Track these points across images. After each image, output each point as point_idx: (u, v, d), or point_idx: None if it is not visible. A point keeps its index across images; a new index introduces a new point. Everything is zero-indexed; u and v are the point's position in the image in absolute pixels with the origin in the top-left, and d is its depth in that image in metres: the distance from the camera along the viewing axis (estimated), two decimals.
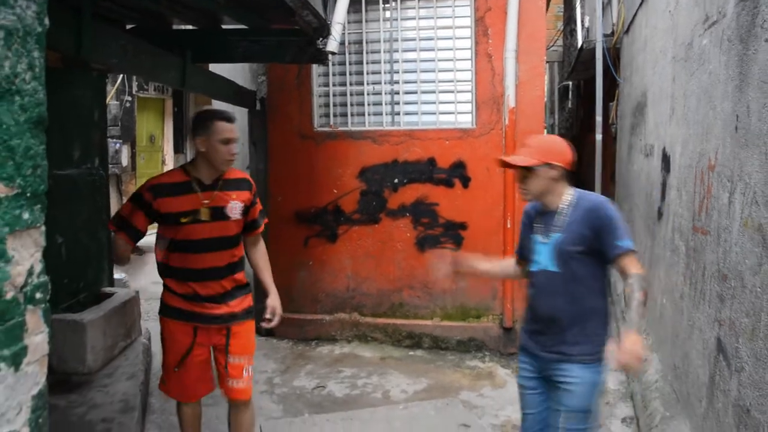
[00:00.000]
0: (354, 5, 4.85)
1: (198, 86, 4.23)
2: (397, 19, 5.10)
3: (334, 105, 5.30)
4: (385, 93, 5.19)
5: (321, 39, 4.02)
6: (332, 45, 4.01)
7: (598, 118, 7.92)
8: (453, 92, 5.08)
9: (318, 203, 5.31)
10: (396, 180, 5.16)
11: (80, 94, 4.38)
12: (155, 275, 2.98)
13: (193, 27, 4.36)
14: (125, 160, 8.88)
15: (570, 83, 14.92)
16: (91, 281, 4.48)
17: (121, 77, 8.50)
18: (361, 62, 5.19)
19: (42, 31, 1.36)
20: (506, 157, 2.44)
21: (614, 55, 7.71)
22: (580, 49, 8.79)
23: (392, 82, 5.16)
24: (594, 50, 7.79)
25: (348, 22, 4.90)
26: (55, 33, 1.77)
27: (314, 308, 5.36)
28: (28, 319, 1.34)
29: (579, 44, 8.90)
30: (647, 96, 5.00)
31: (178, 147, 10.52)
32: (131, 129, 9.06)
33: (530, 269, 2.43)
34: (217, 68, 5.07)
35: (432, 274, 5.15)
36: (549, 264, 2.34)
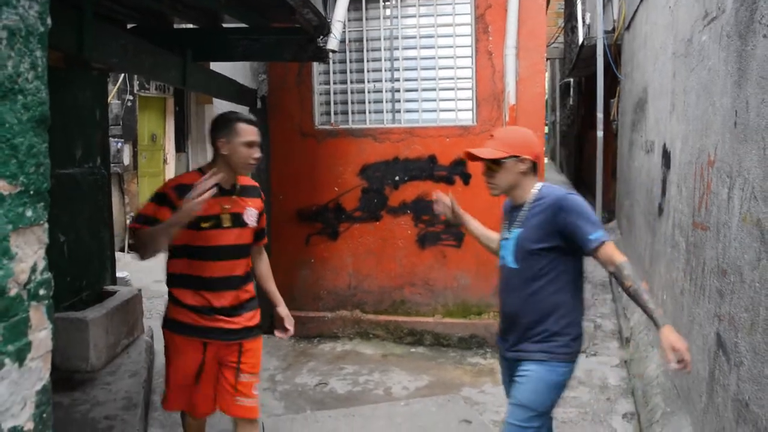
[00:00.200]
0: (354, 3, 4.86)
1: (199, 85, 4.24)
2: (398, 17, 5.11)
3: (335, 103, 5.31)
4: (386, 91, 5.19)
5: (321, 37, 4.03)
6: (333, 43, 4.02)
7: (599, 115, 7.93)
8: (453, 89, 5.09)
9: (319, 201, 5.32)
10: (397, 177, 5.17)
11: (82, 94, 4.40)
12: (157, 273, 2.99)
13: (194, 26, 4.37)
14: (127, 159, 8.89)
15: (571, 80, 14.92)
16: (94, 279, 4.50)
17: (123, 76, 8.50)
18: (362, 60, 5.20)
19: (44, 31, 1.37)
20: (473, 150, 2.31)
21: (615, 52, 7.71)
22: (581, 46, 8.79)
23: (393, 80, 5.16)
24: (595, 47, 7.80)
25: (348, 20, 4.91)
26: (57, 32, 1.78)
27: (316, 306, 5.38)
28: (32, 316, 1.36)
29: (580, 41, 8.90)
30: (648, 92, 5.00)
31: (180, 146, 10.52)
32: (133, 128, 9.07)
33: (499, 264, 2.36)
34: (218, 67, 5.08)
35: (433, 272, 5.17)
36: (510, 260, 2.26)
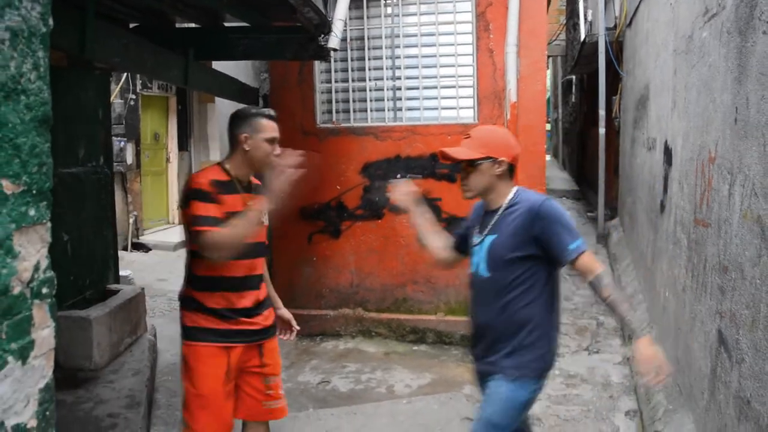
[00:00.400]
0: (355, 2, 4.87)
1: (201, 84, 4.26)
2: (399, 15, 5.11)
3: (337, 101, 5.32)
4: (387, 89, 5.20)
5: (322, 36, 4.04)
6: (334, 42, 4.02)
7: (602, 112, 7.93)
8: (455, 87, 5.09)
9: (321, 199, 5.33)
10: (399, 175, 5.17)
11: (84, 93, 4.42)
12: (160, 272, 3.00)
13: (196, 25, 4.38)
14: (130, 158, 8.91)
15: (573, 77, 14.90)
16: (97, 278, 4.52)
17: (126, 75, 8.52)
18: (363, 58, 5.20)
19: (46, 32, 1.38)
20: (447, 149, 2.17)
21: (617, 49, 7.69)
22: (583, 43, 8.77)
23: (394, 78, 5.17)
24: (597, 44, 7.78)
25: (349, 19, 4.91)
26: (60, 32, 1.79)
27: (318, 304, 5.39)
28: (35, 314, 1.37)
29: (582, 38, 8.88)
30: (649, 89, 5.00)
31: (183, 144, 10.54)
32: (136, 127, 9.09)
33: (469, 271, 2.24)
34: (220, 66, 5.10)
35: (435, 270, 5.17)
36: (482, 268, 2.14)
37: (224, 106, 6.12)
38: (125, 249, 8.59)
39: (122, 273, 5.58)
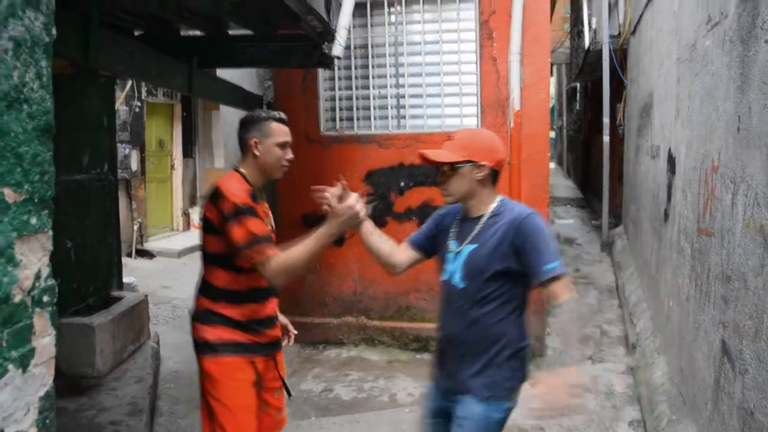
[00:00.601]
0: (359, 10, 4.88)
1: (205, 91, 4.28)
2: (402, 23, 5.13)
3: (341, 109, 5.33)
4: (391, 97, 5.21)
5: (326, 44, 4.06)
6: (337, 50, 4.04)
7: (606, 120, 7.93)
8: (458, 96, 5.09)
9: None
10: (402, 183, 5.17)
11: (89, 101, 4.44)
12: (164, 279, 2.99)
13: (200, 33, 4.40)
14: (135, 165, 8.95)
15: (578, 85, 14.90)
16: (101, 285, 4.53)
17: (131, 83, 8.58)
18: (367, 66, 5.21)
19: (49, 42, 1.39)
20: (426, 152, 2.08)
21: (621, 57, 7.70)
22: (587, 51, 8.78)
23: (398, 86, 5.18)
24: (601, 52, 7.79)
25: (353, 27, 4.92)
26: (63, 41, 1.81)
27: (321, 312, 5.38)
28: (36, 322, 1.37)
29: (586, 46, 8.89)
30: (653, 97, 4.99)
31: (187, 151, 10.60)
32: (140, 134, 9.14)
33: (440, 278, 2.14)
34: (225, 74, 5.12)
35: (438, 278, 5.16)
36: (456, 278, 2.03)
37: (229, 114, 6.13)
38: (129, 256, 8.62)
39: (126, 280, 5.59)
